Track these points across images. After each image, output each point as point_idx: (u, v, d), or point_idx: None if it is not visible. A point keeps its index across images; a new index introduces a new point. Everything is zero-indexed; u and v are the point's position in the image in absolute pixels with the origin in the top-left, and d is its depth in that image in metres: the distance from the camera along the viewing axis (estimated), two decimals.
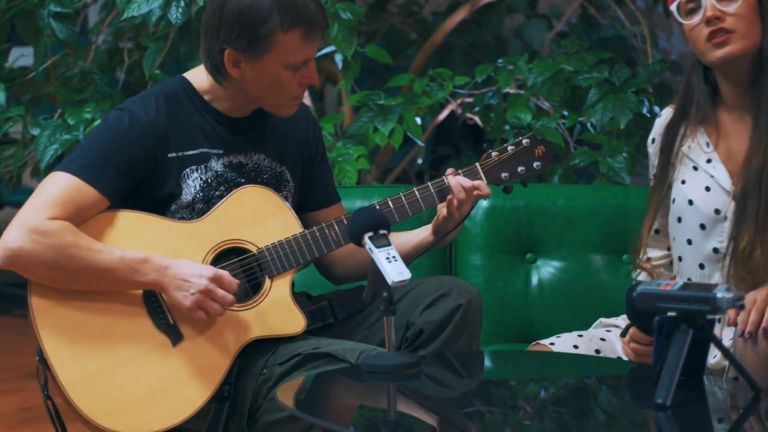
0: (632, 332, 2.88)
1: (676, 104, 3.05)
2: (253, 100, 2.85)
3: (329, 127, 3.97)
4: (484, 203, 3.42)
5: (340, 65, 3.97)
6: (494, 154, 2.92)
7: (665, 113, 3.07)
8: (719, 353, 2.83)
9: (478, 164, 2.91)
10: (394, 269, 2.57)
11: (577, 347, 3.00)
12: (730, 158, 2.95)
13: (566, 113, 3.98)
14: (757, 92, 2.91)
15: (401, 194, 2.88)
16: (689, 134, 2.99)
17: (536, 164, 2.93)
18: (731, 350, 2.81)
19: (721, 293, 2.43)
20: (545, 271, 3.44)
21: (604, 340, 3.03)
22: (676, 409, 2.38)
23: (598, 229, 3.43)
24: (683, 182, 2.98)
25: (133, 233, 2.78)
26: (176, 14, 3.72)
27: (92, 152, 2.78)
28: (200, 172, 2.84)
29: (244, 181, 2.87)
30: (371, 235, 2.64)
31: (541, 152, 2.94)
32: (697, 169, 2.97)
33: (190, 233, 2.81)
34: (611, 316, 3.14)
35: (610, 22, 4.86)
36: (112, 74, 4.62)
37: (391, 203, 2.87)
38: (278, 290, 2.82)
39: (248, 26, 2.74)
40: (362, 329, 2.92)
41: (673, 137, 3.02)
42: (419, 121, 3.96)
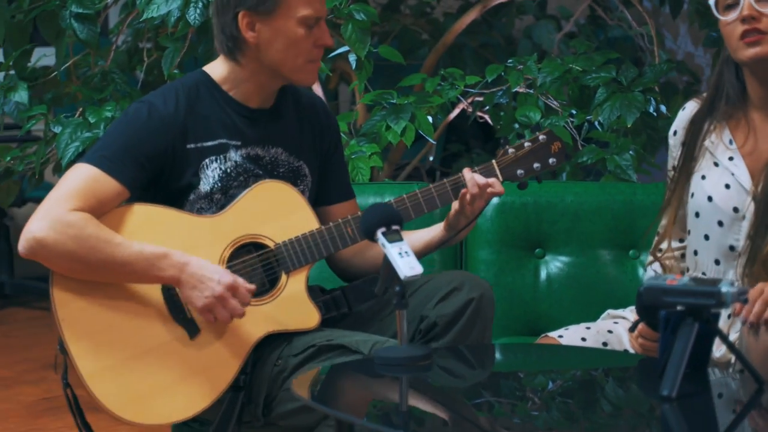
0: (640, 328, 2.86)
1: (702, 98, 3.00)
2: (271, 68, 2.82)
3: (343, 125, 3.96)
4: (494, 200, 3.41)
5: (353, 65, 3.96)
6: (511, 150, 2.90)
7: (689, 106, 3.02)
8: (725, 346, 2.81)
9: (494, 161, 2.89)
10: (406, 264, 2.57)
11: (585, 339, 2.99)
12: (752, 157, 2.91)
13: (574, 112, 3.97)
14: None
15: (417, 191, 2.86)
16: (713, 130, 2.95)
17: (552, 160, 2.91)
18: (737, 343, 2.80)
19: (726, 287, 2.42)
20: (553, 265, 3.43)
21: (611, 332, 3.02)
22: (681, 400, 2.38)
23: (605, 224, 3.43)
24: (703, 177, 2.94)
25: (153, 227, 2.77)
26: (194, 15, 3.73)
27: (113, 144, 2.78)
28: (219, 162, 2.83)
29: (261, 173, 2.86)
30: (384, 230, 2.64)
31: (557, 149, 2.91)
32: (718, 165, 2.93)
33: (209, 228, 2.80)
34: (618, 309, 3.13)
35: (617, 22, 4.84)
36: (131, 74, 4.62)
37: (407, 200, 2.86)
38: (294, 286, 2.82)
39: None
40: (376, 321, 2.92)
41: (697, 131, 2.97)
42: (431, 119, 3.95)
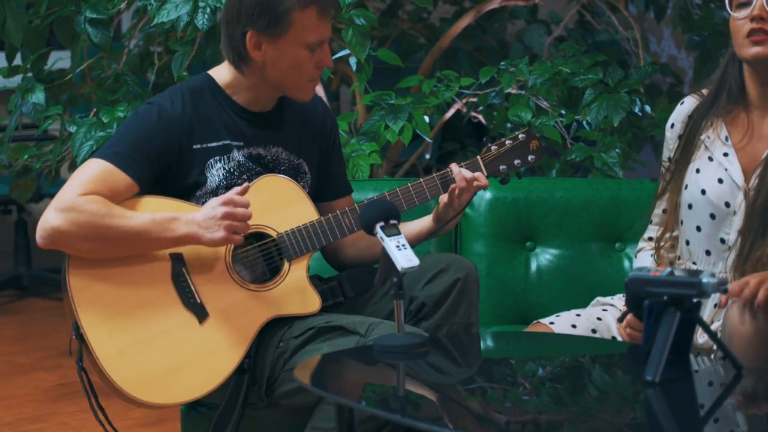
0: (629, 318, 2.87)
1: (700, 94, 3.00)
2: (273, 84, 2.83)
3: (344, 125, 3.96)
4: (487, 195, 3.42)
5: (354, 67, 3.96)
6: (493, 147, 2.94)
7: (687, 101, 3.02)
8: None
9: (479, 157, 2.93)
10: (403, 256, 2.58)
11: (575, 326, 2.99)
12: (746, 155, 2.90)
13: (564, 112, 3.97)
14: None
15: (409, 185, 2.89)
16: (711, 125, 2.94)
17: (530, 157, 2.95)
18: (718, 332, 2.81)
19: (706, 278, 2.43)
20: (543, 258, 3.43)
21: (600, 319, 3.03)
22: (664, 385, 2.39)
23: (592, 219, 3.43)
24: (698, 171, 2.94)
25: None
26: (202, 20, 3.73)
27: (124, 141, 2.79)
28: (223, 162, 2.84)
29: (262, 171, 2.87)
30: (382, 224, 2.65)
31: (535, 146, 2.95)
32: (712, 160, 2.92)
33: None
34: (606, 297, 3.14)
35: (604, 27, 4.84)
36: (143, 76, 4.62)
37: (399, 192, 2.88)
38: (296, 273, 2.83)
39: (267, 6, 2.74)
40: (370, 305, 2.93)
41: (695, 125, 2.96)
42: (427, 119, 3.95)
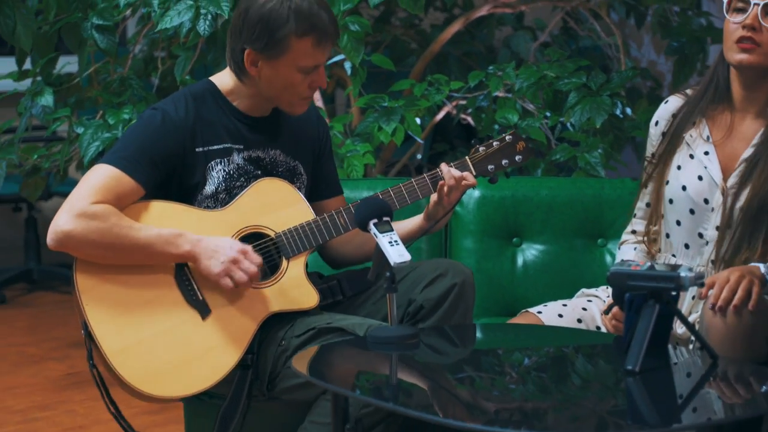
0: (615, 311, 2.87)
1: (684, 93, 2.99)
2: (268, 98, 2.85)
3: (339, 126, 3.97)
4: (475, 194, 3.42)
5: (349, 71, 3.96)
6: (482, 148, 2.93)
7: (672, 100, 3.02)
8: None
9: (467, 157, 2.93)
10: (396, 252, 2.59)
11: (561, 316, 2.99)
12: (725, 154, 2.90)
13: (548, 114, 3.98)
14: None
15: (401, 185, 2.89)
16: (694, 125, 2.94)
17: (517, 158, 2.94)
18: (696, 323, 2.81)
19: (684, 273, 2.44)
20: (529, 253, 3.44)
21: (585, 309, 3.03)
22: (644, 374, 2.40)
23: (576, 216, 3.43)
24: (679, 167, 2.94)
25: (166, 219, 2.78)
26: (204, 26, 3.73)
27: (130, 146, 2.78)
28: (223, 164, 2.84)
29: (261, 173, 2.87)
30: (376, 221, 2.65)
31: (521, 147, 2.95)
32: (693, 157, 2.92)
33: (216, 220, 2.81)
34: (591, 288, 3.14)
35: (587, 33, 4.85)
36: (147, 80, 4.61)
37: (392, 192, 2.88)
38: (294, 270, 2.83)
39: (267, 29, 2.74)
40: (368, 305, 2.93)
41: (679, 123, 2.96)
42: (419, 121, 3.95)
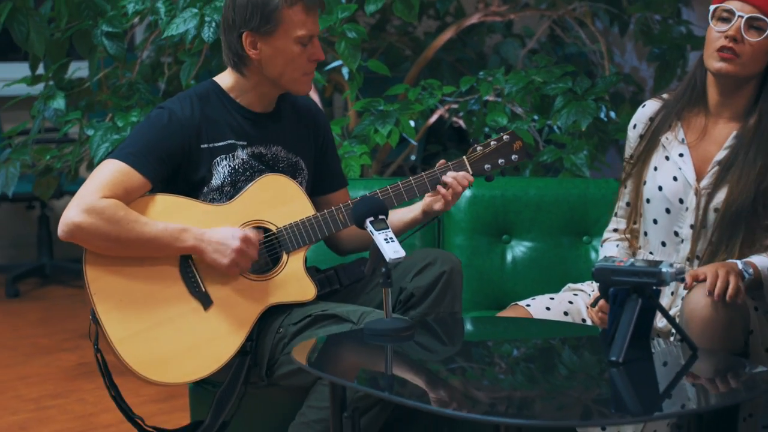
0: (601, 304, 2.87)
1: (661, 98, 2.99)
2: (272, 80, 2.83)
3: (337, 129, 3.96)
4: (467, 193, 3.42)
5: (346, 77, 3.97)
6: (479, 148, 2.92)
7: (649, 104, 3.01)
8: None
9: (465, 157, 2.91)
10: (391, 248, 2.58)
11: (549, 309, 2.99)
12: (699, 156, 2.90)
13: (536, 117, 3.98)
14: (745, 110, 2.87)
15: (399, 183, 2.88)
16: (670, 128, 2.94)
17: (514, 157, 2.93)
18: (676, 317, 2.81)
19: (665, 268, 2.44)
20: (518, 250, 3.43)
21: (571, 303, 3.02)
22: (627, 365, 2.40)
23: (562, 214, 3.43)
24: (655, 169, 2.94)
25: (173, 213, 2.78)
26: (208, 33, 3.73)
27: (138, 143, 2.78)
28: (228, 160, 2.84)
29: (264, 168, 2.87)
30: (372, 219, 2.65)
31: (518, 147, 2.93)
32: (668, 159, 2.93)
33: (220, 214, 2.80)
34: (577, 283, 3.14)
35: (573, 41, 4.85)
36: (154, 84, 4.61)
37: (390, 190, 2.87)
38: (294, 264, 2.83)
39: (258, 7, 2.75)
40: (363, 295, 2.93)
41: (656, 126, 2.96)
42: (413, 123, 3.96)
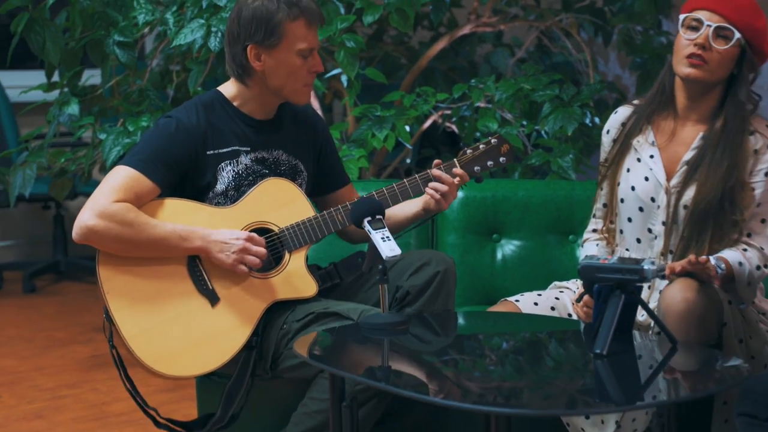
0: (586, 299, 2.87)
1: (632, 104, 2.99)
2: (274, 90, 2.83)
3: (336, 133, 3.96)
4: (459, 194, 3.41)
5: (345, 84, 3.97)
6: (469, 151, 2.93)
7: (621, 110, 3.02)
8: (646, 312, 2.83)
9: (455, 159, 2.92)
10: (387, 247, 2.58)
11: (537, 304, 2.99)
12: (668, 157, 2.91)
13: (525, 123, 3.98)
14: (710, 113, 2.88)
15: (394, 184, 2.89)
16: (640, 132, 2.94)
17: (502, 159, 2.94)
18: (655, 310, 2.82)
19: (647, 266, 2.45)
20: (507, 248, 3.44)
21: (558, 299, 3.03)
22: (610, 357, 2.41)
23: (549, 215, 3.43)
24: (628, 170, 2.95)
25: (180, 216, 2.78)
26: (215, 43, 3.73)
27: (147, 150, 2.79)
28: (233, 165, 2.84)
29: (267, 172, 2.87)
30: (369, 219, 2.65)
31: (505, 150, 2.94)
32: (640, 161, 2.93)
33: (225, 216, 2.81)
34: (563, 281, 3.15)
35: (560, 50, 4.85)
36: (163, 91, 4.60)
37: (386, 191, 2.88)
38: (296, 262, 2.83)
39: (262, 21, 2.76)
40: (361, 292, 2.93)
41: (627, 131, 2.97)
42: (408, 128, 3.96)
